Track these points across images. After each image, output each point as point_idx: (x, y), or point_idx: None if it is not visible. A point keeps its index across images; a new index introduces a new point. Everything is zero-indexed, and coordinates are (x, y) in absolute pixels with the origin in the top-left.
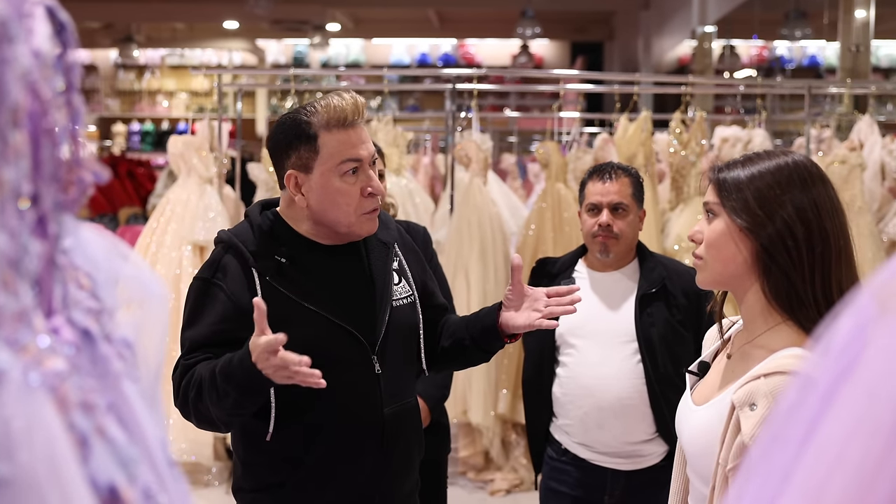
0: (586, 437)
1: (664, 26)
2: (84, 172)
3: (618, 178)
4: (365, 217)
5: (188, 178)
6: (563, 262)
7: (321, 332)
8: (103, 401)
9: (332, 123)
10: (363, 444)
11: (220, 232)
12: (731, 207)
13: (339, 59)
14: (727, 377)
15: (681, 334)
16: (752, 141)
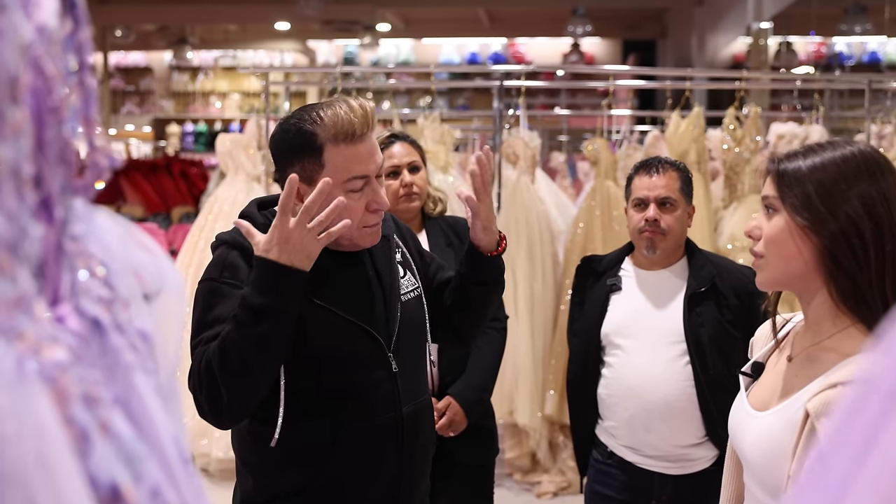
0: (633, 439)
1: (718, 23)
2: (98, 156)
3: (665, 172)
4: (367, 230)
5: (236, 176)
6: (608, 259)
7: (336, 332)
8: (109, 394)
9: (339, 137)
10: (384, 445)
11: (218, 234)
12: (791, 204)
13: (389, 59)
14: (790, 381)
15: (731, 335)
16: (810, 137)
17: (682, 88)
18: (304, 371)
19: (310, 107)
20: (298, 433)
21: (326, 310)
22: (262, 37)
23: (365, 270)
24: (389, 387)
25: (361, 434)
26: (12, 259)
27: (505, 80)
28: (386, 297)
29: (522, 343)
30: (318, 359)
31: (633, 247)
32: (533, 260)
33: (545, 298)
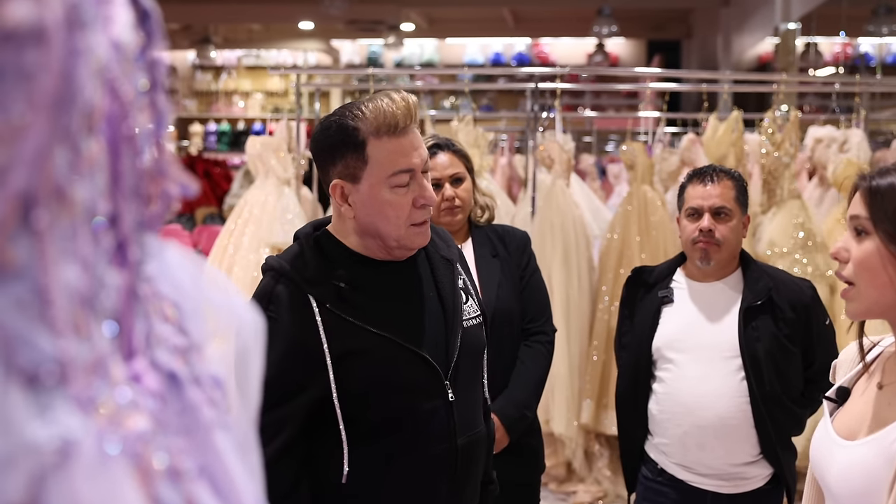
0: (685, 457)
1: (745, 23)
2: (169, 184)
3: (720, 181)
4: (415, 229)
5: (266, 180)
6: (660, 270)
7: (392, 360)
8: (194, 463)
9: (381, 130)
10: (436, 477)
11: (268, 258)
12: (885, 230)
13: (413, 58)
14: (883, 410)
15: (788, 350)
16: (849, 141)
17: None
18: (357, 400)
19: (351, 104)
20: (350, 465)
21: (381, 336)
22: (286, 36)
23: (425, 291)
24: (445, 417)
25: (414, 466)
26: (89, 315)
27: (540, 83)
28: (448, 322)
29: (558, 351)
30: (372, 387)
31: (685, 257)
32: (569, 266)
33: (581, 305)
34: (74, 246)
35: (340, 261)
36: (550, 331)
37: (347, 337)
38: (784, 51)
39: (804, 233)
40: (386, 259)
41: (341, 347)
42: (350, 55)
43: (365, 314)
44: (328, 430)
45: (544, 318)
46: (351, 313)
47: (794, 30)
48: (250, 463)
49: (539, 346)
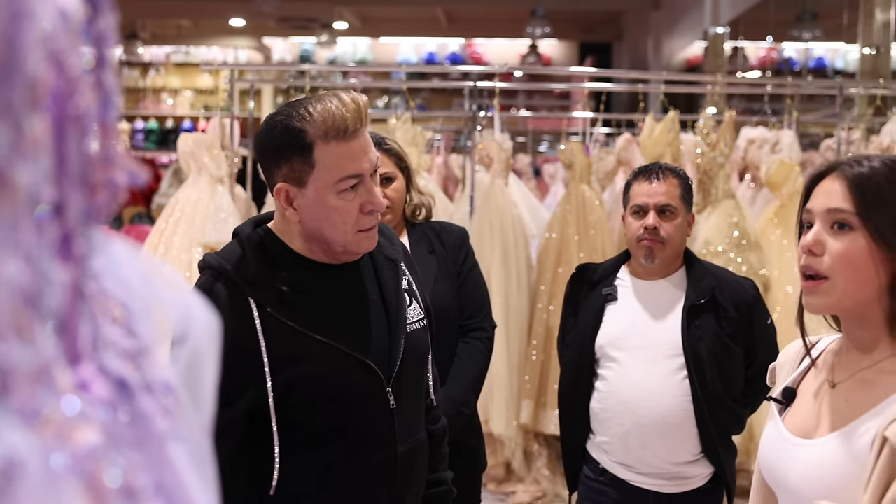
0: (627, 456)
1: (675, 27)
2: (117, 172)
3: (666, 179)
4: (362, 235)
5: (198, 178)
6: (604, 268)
7: (332, 366)
8: (149, 480)
9: (330, 134)
10: (376, 486)
11: (206, 256)
12: (875, 227)
13: (346, 57)
14: (839, 407)
15: (730, 349)
16: (781, 142)
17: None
18: (295, 408)
19: (298, 102)
20: (287, 475)
21: (323, 343)
22: (216, 33)
23: (369, 294)
24: (385, 424)
25: (352, 475)
26: (32, 315)
27: (478, 82)
28: (391, 326)
29: (497, 350)
30: (312, 394)
31: (629, 255)
32: (507, 265)
33: (520, 304)
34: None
35: (283, 262)
36: (489, 327)
37: (287, 342)
38: (713, 54)
39: (739, 232)
40: (330, 262)
41: (280, 353)
42: (282, 53)
43: (307, 319)
44: (261, 441)
45: (483, 315)
46: (292, 318)
47: (723, 34)
48: (206, 476)
49: (477, 343)
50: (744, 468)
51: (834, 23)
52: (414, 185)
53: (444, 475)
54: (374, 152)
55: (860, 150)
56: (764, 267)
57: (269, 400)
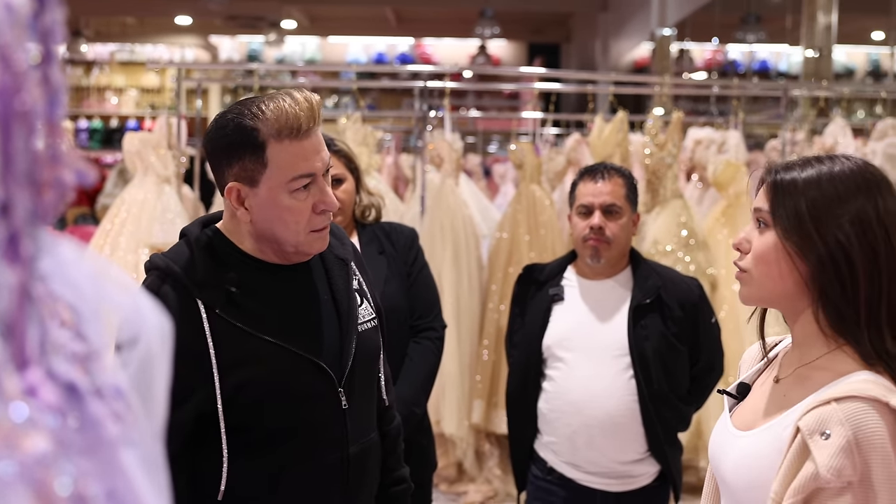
0: (574, 456)
1: (622, 28)
2: (64, 171)
3: (611, 179)
4: (314, 235)
5: (145, 178)
6: (550, 268)
7: (283, 368)
8: (100, 487)
9: (283, 133)
10: (328, 488)
11: (152, 257)
12: (783, 225)
13: (295, 57)
14: (777, 402)
15: (675, 348)
16: (727, 143)
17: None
18: (245, 411)
19: (249, 100)
20: (237, 478)
21: (273, 344)
22: (162, 31)
23: (320, 295)
24: (338, 426)
25: (304, 477)
26: None
27: (428, 82)
28: (342, 326)
29: (449, 350)
30: (262, 397)
31: (575, 255)
32: (459, 265)
33: (471, 304)
34: None
35: (232, 263)
36: (440, 327)
37: (237, 344)
38: (660, 55)
39: (687, 231)
40: (280, 263)
41: (230, 355)
42: (229, 52)
43: (256, 320)
44: (209, 445)
45: (433, 315)
46: (241, 319)
47: (670, 36)
48: (158, 482)
49: (427, 343)
50: (691, 465)
51: (777, 25)
52: (363, 186)
53: (403, 472)
54: (326, 151)
55: (804, 150)
56: (711, 266)
57: (217, 403)
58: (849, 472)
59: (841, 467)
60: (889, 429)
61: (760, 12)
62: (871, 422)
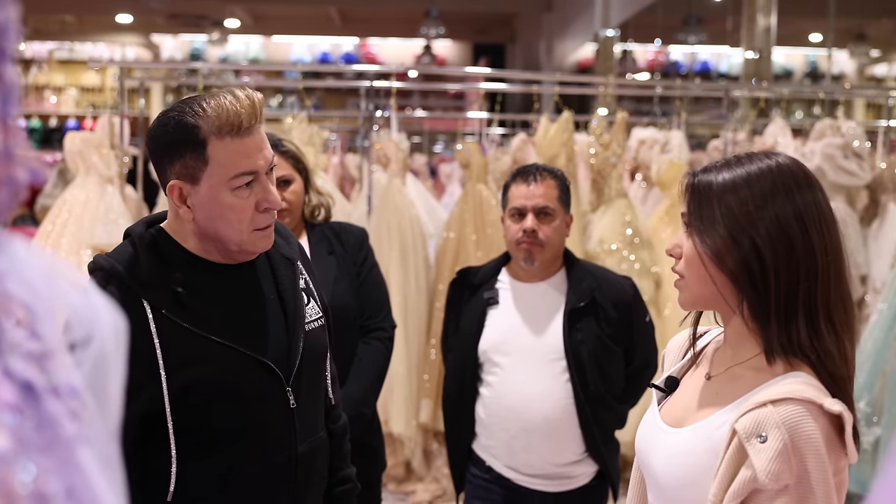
0: (513, 459)
1: (566, 29)
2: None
3: (543, 181)
4: (258, 234)
5: (87, 178)
6: (484, 271)
7: (231, 368)
8: (60, 484)
9: (224, 130)
10: (276, 488)
11: (96, 258)
12: (699, 229)
13: (238, 56)
14: (709, 399)
15: (611, 349)
16: (670, 143)
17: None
18: (193, 411)
19: (191, 98)
20: (185, 478)
21: (220, 344)
22: (102, 29)
23: (266, 295)
24: (286, 424)
25: (252, 477)
26: None
27: (374, 81)
28: (289, 326)
29: (396, 350)
30: (210, 397)
31: (509, 257)
32: (406, 265)
33: (418, 303)
34: None
35: (177, 263)
36: (389, 327)
37: (184, 345)
38: (603, 56)
39: (632, 230)
40: (226, 262)
41: (177, 356)
42: (171, 51)
43: (203, 320)
44: (157, 445)
45: (383, 315)
46: (188, 320)
47: (613, 36)
48: (114, 481)
49: (377, 343)
50: (631, 458)
51: (718, 27)
52: (312, 186)
53: (349, 472)
54: (269, 150)
55: (745, 150)
56: (656, 264)
57: (164, 403)
58: (786, 475)
59: (779, 471)
60: (823, 430)
61: (701, 14)
62: (806, 424)
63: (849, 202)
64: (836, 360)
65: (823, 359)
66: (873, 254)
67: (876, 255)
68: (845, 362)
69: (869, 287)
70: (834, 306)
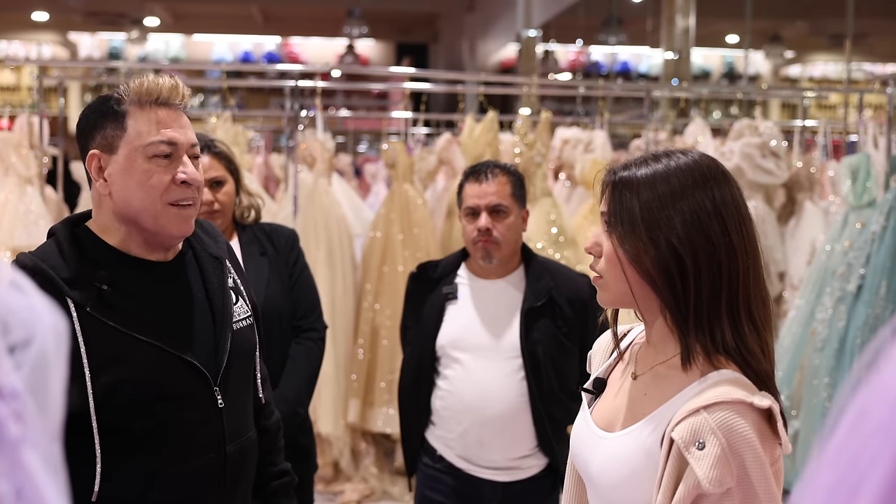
0: (467, 452)
1: (489, 29)
2: None
3: (495, 178)
4: (174, 210)
5: (5, 178)
6: (444, 266)
7: (156, 367)
8: (9, 486)
9: (144, 100)
10: (204, 489)
11: (19, 256)
12: (618, 232)
13: (158, 55)
14: (638, 400)
15: (566, 348)
16: (593, 142)
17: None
18: (119, 410)
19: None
20: (111, 479)
21: (145, 342)
22: (17, 27)
23: (193, 294)
24: (214, 424)
25: (180, 477)
26: None
27: (300, 81)
28: (217, 325)
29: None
30: (136, 396)
31: (468, 252)
32: (333, 265)
33: (345, 303)
34: None
35: (102, 260)
36: (321, 327)
37: (109, 343)
38: (526, 56)
39: (557, 229)
40: (149, 257)
41: (101, 354)
42: (89, 49)
43: (128, 319)
44: (81, 446)
45: (315, 315)
46: (113, 318)
47: (535, 37)
48: (58, 482)
49: (310, 343)
50: None
51: (638, 28)
52: (243, 187)
53: (285, 466)
54: (192, 135)
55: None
56: (581, 262)
57: (89, 403)
58: (728, 479)
59: (721, 477)
60: (756, 426)
61: (622, 15)
62: (740, 425)
63: (767, 200)
64: (759, 358)
65: (748, 358)
66: (790, 251)
67: (793, 253)
68: (767, 358)
69: (787, 284)
70: (755, 305)
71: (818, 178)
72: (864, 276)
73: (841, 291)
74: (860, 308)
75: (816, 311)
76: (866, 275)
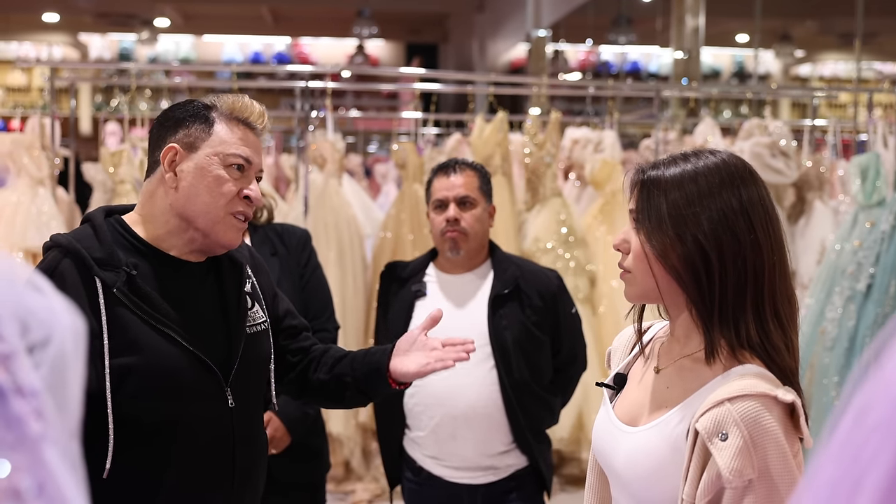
0: (440, 450)
1: (498, 29)
2: None
3: (462, 172)
4: (232, 220)
5: (17, 180)
6: (413, 266)
7: (171, 359)
8: (32, 482)
9: (234, 115)
10: (213, 488)
11: (54, 235)
12: (646, 228)
13: (168, 55)
14: (661, 394)
15: (536, 337)
16: (603, 142)
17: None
18: (131, 398)
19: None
20: (122, 470)
21: (164, 334)
22: (28, 28)
23: (212, 295)
24: (224, 423)
25: (190, 475)
26: None
27: (310, 81)
28: (231, 327)
29: None
30: (149, 384)
31: (437, 252)
32: (343, 265)
33: (356, 303)
34: None
35: (132, 250)
36: (333, 328)
37: (129, 327)
38: (535, 56)
39: (566, 229)
40: (183, 256)
41: (122, 337)
42: (100, 50)
43: (151, 308)
44: (95, 430)
45: (326, 315)
46: (137, 305)
47: (545, 37)
48: (77, 479)
49: None
50: (574, 457)
51: (648, 27)
52: None
53: None
54: (262, 161)
55: (676, 149)
56: (590, 262)
57: (105, 383)
58: (748, 470)
59: (741, 468)
60: (780, 421)
61: (631, 14)
62: (764, 418)
63: (776, 200)
64: (784, 354)
65: (772, 353)
66: (800, 250)
67: (803, 252)
68: (791, 354)
69: (796, 283)
70: (780, 302)
71: (828, 177)
72: (874, 276)
73: (851, 290)
74: (870, 307)
75: (826, 311)
76: (876, 274)
